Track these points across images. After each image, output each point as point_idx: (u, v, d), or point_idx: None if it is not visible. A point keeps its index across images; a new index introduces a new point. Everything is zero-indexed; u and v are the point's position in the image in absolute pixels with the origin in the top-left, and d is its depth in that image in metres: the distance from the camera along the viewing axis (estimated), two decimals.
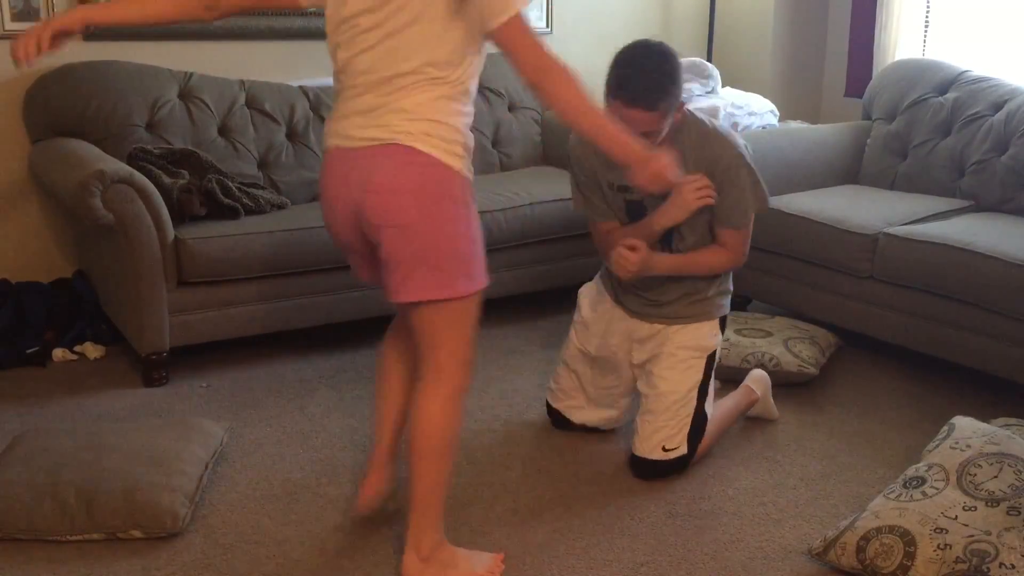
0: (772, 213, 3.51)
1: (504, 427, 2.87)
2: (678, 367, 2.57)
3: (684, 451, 2.54)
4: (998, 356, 2.91)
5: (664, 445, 2.54)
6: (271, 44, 3.90)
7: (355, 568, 2.17)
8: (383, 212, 1.90)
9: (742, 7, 4.80)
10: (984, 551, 2.01)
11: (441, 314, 1.96)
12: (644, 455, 2.55)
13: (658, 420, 2.55)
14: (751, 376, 2.89)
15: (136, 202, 2.94)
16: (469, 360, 2.04)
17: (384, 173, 1.89)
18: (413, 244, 1.90)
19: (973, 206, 3.53)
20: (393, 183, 1.89)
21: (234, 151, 3.61)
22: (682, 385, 2.56)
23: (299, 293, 3.25)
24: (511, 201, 3.58)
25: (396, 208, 1.89)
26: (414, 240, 1.90)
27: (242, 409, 2.97)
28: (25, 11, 3.45)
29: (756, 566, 2.19)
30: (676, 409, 2.55)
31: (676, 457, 2.54)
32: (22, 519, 2.22)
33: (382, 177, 1.89)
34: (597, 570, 2.17)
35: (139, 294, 2.99)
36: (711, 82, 4.29)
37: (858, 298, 3.30)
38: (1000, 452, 2.25)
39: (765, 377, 2.90)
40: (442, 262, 1.92)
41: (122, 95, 3.46)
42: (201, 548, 2.24)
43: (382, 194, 1.89)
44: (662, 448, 2.54)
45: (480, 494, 2.48)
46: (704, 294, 2.61)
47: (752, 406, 2.84)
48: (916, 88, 3.89)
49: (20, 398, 3.03)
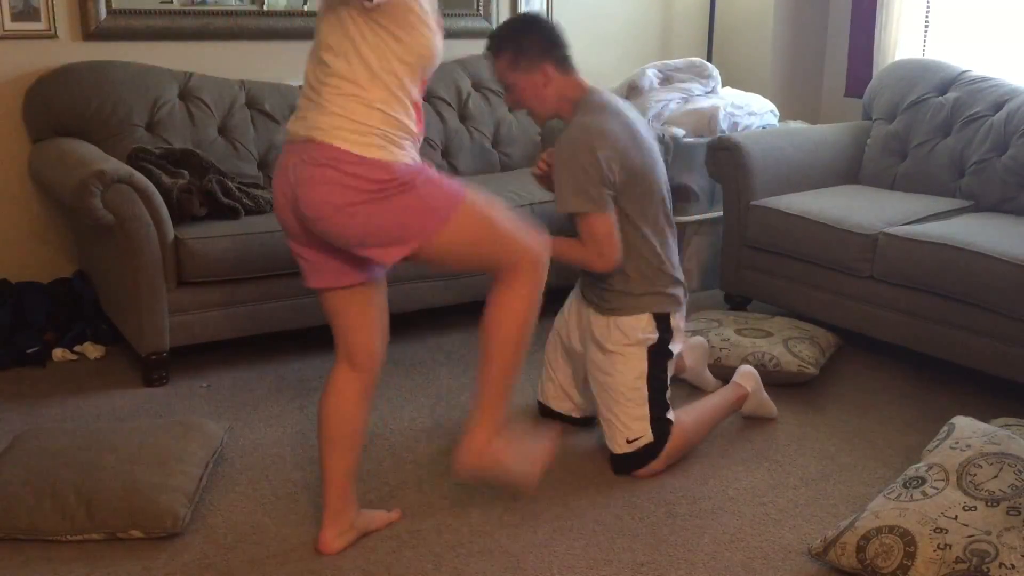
0: (772, 213, 3.53)
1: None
2: (617, 361, 2.57)
3: (650, 438, 2.54)
4: (998, 356, 2.91)
5: (627, 437, 2.55)
6: (271, 44, 3.90)
7: (355, 568, 2.17)
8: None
9: (742, 7, 4.80)
10: (984, 551, 2.01)
11: (453, 247, 2.03)
12: (614, 452, 2.58)
13: (611, 414, 2.57)
14: (739, 372, 2.89)
15: (136, 202, 2.94)
16: (524, 248, 2.08)
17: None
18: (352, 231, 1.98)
19: (973, 206, 3.54)
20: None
21: (234, 151, 3.61)
22: (625, 377, 2.55)
23: (299, 293, 3.25)
24: (511, 201, 3.57)
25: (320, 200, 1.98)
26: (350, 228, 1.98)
27: (242, 409, 2.97)
28: (25, 11, 3.45)
29: (756, 566, 2.19)
30: (624, 401, 2.55)
31: (643, 447, 2.54)
32: (22, 519, 2.22)
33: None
34: (597, 570, 2.17)
35: (139, 294, 2.99)
36: (711, 82, 4.28)
37: (858, 298, 3.30)
38: (1000, 452, 2.25)
39: (753, 372, 2.89)
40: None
41: (122, 95, 3.46)
42: (201, 548, 2.23)
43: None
44: (626, 440, 2.55)
45: (480, 494, 2.48)
46: (632, 291, 2.58)
47: (742, 401, 2.83)
48: (916, 88, 3.89)
49: (20, 398, 3.03)
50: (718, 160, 3.71)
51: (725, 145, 3.69)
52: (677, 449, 2.60)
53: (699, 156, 3.96)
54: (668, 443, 2.56)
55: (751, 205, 3.61)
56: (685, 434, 2.61)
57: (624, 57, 4.72)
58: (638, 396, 2.55)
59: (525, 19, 2.70)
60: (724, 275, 3.80)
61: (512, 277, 2.08)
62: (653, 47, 4.85)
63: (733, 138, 3.71)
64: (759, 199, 3.62)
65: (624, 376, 2.56)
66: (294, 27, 3.89)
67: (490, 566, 2.18)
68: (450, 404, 3.01)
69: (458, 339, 3.54)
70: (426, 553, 2.22)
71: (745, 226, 3.64)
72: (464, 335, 3.57)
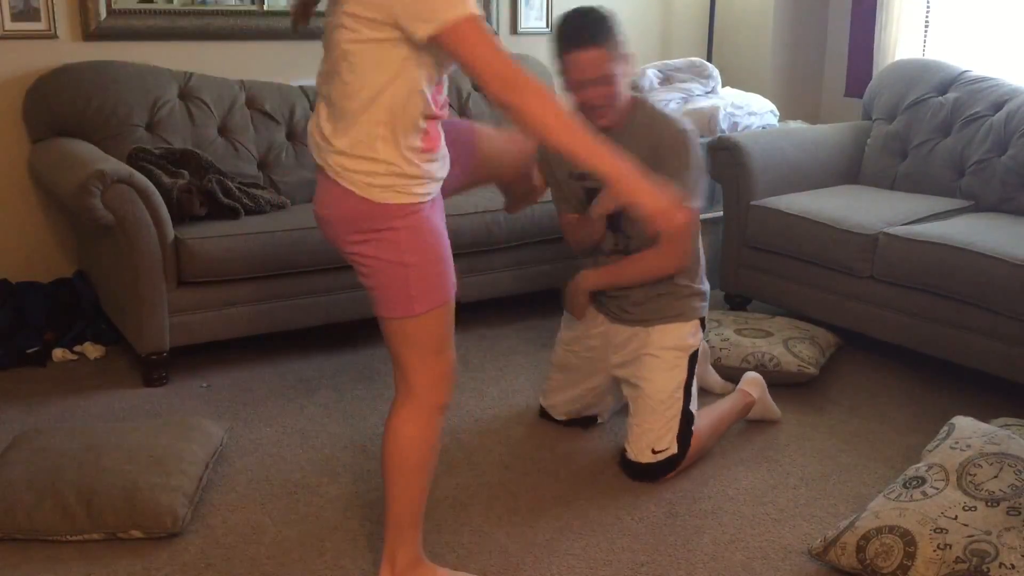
0: (772, 213, 3.53)
1: (503, 427, 2.87)
2: (661, 368, 2.57)
3: (674, 451, 2.54)
4: (998, 356, 2.91)
5: (653, 447, 2.54)
6: (271, 44, 3.90)
7: (355, 568, 2.17)
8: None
9: (742, 7, 4.80)
10: (984, 551, 2.01)
11: (396, 333, 1.94)
12: (634, 458, 2.56)
13: (645, 423, 2.55)
14: (745, 379, 2.89)
15: (136, 202, 2.94)
16: (443, 375, 1.99)
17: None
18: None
19: (973, 206, 3.54)
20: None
21: (234, 151, 3.61)
22: (667, 386, 2.56)
23: (299, 293, 3.25)
24: None
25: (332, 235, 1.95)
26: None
27: (242, 409, 2.97)
28: (25, 11, 3.45)
29: (756, 566, 2.19)
30: (662, 411, 2.55)
31: (666, 458, 2.54)
32: (22, 519, 2.22)
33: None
34: (597, 570, 2.17)
35: (139, 294, 2.99)
36: (711, 82, 4.29)
37: (858, 298, 3.30)
38: (1000, 452, 2.25)
39: (759, 379, 2.90)
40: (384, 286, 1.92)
41: (122, 95, 3.46)
42: (201, 548, 2.23)
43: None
44: (651, 451, 2.54)
45: (480, 494, 2.48)
46: (676, 295, 2.60)
47: (749, 409, 2.84)
48: (916, 88, 3.89)
49: (20, 398, 3.03)
50: (718, 160, 3.72)
51: (725, 145, 3.69)
52: (692, 456, 2.60)
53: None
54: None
55: (751, 205, 3.61)
56: (700, 441, 2.61)
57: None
58: (675, 408, 2.55)
59: (596, 8, 2.43)
60: (724, 275, 3.80)
61: (411, 392, 1.97)
62: (653, 47, 4.85)
63: (733, 138, 3.71)
64: (759, 199, 3.62)
65: (664, 386, 2.56)
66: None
67: (490, 566, 2.18)
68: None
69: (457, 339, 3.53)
70: (426, 553, 2.21)
71: (745, 226, 3.64)
72: (464, 335, 3.57)
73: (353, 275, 2.07)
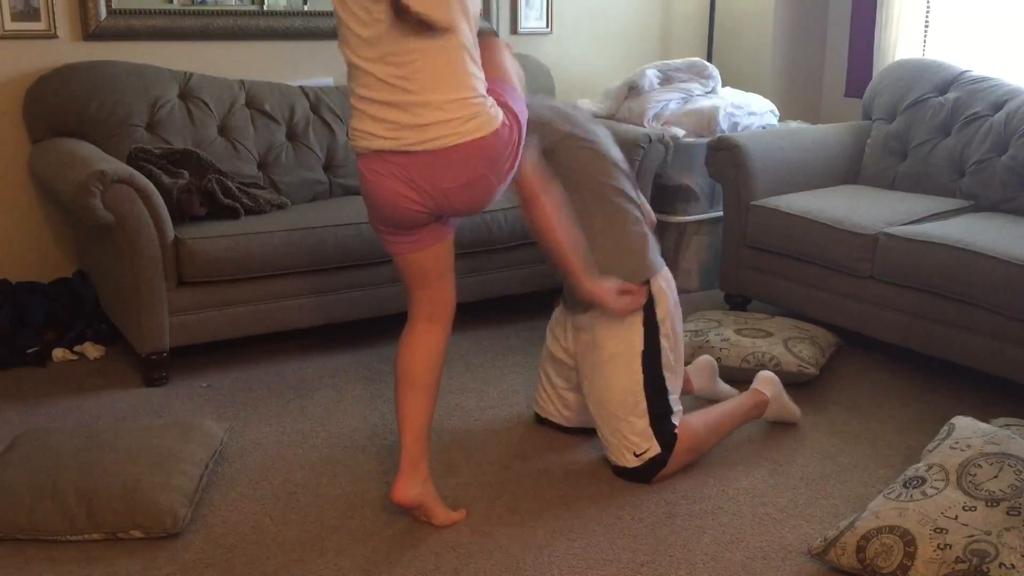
0: (772, 213, 3.53)
1: (503, 427, 2.87)
2: (613, 372, 2.51)
3: (657, 450, 2.51)
4: (998, 356, 2.91)
5: (634, 452, 2.51)
6: (271, 44, 3.90)
7: (355, 568, 2.17)
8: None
9: (742, 7, 4.80)
10: (984, 551, 2.01)
11: (449, 248, 2.26)
12: (620, 464, 2.54)
13: (614, 435, 2.52)
14: (758, 378, 2.83)
15: (136, 202, 2.94)
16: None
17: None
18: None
19: (973, 206, 3.54)
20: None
21: (234, 151, 3.61)
22: (622, 384, 2.50)
23: (299, 293, 3.25)
24: (511, 201, 3.57)
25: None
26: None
27: (242, 409, 2.97)
28: (25, 11, 3.46)
29: (756, 566, 2.19)
30: (624, 415, 2.50)
31: (650, 459, 2.51)
32: (22, 519, 2.22)
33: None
34: (597, 570, 2.17)
35: (139, 294, 2.99)
36: (711, 82, 4.29)
37: (858, 298, 3.30)
38: (1000, 452, 2.25)
39: (773, 378, 2.83)
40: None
41: (122, 95, 3.46)
42: (201, 548, 2.24)
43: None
44: (634, 455, 2.51)
45: (480, 494, 2.48)
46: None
47: (763, 408, 2.77)
48: (916, 88, 3.89)
49: (20, 398, 3.03)
50: (718, 160, 3.72)
51: (725, 145, 3.69)
52: (687, 452, 2.55)
53: (699, 156, 3.97)
54: (676, 446, 2.53)
55: (751, 205, 3.62)
56: (694, 437, 2.57)
57: (624, 57, 4.72)
58: (638, 408, 2.50)
59: None
60: (724, 275, 3.80)
61: (441, 320, 2.32)
62: (653, 47, 4.85)
63: (733, 138, 3.71)
64: (759, 199, 3.62)
65: (619, 385, 2.49)
66: (294, 27, 3.89)
67: (490, 566, 2.18)
68: (449, 404, 3.01)
69: (457, 339, 3.54)
70: (426, 553, 2.22)
71: (745, 226, 3.64)
72: (463, 335, 3.57)
73: (353, 275, 2.08)
